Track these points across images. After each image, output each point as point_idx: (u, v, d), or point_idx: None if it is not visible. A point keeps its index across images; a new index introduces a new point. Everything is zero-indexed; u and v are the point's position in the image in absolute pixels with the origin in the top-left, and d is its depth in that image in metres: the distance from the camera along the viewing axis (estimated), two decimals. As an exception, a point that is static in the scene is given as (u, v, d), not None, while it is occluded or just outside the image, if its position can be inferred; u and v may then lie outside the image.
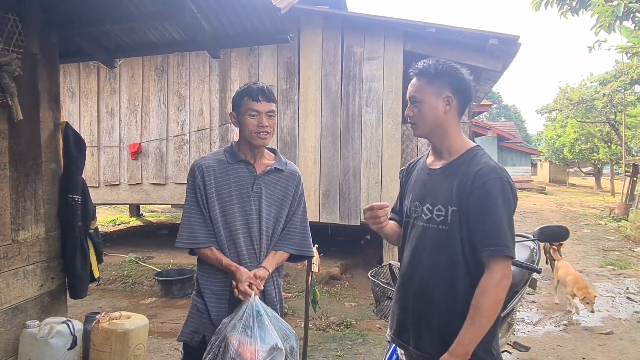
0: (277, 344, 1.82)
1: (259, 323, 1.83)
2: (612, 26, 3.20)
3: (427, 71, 1.64)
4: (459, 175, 1.59)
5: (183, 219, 2.02)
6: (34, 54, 3.13)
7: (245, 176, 2.03)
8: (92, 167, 6.76)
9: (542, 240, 2.74)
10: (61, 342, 2.95)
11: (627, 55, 5.64)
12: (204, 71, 6.37)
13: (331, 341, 4.10)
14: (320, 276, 5.83)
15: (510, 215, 1.53)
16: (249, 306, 1.87)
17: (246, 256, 2.01)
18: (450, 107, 1.64)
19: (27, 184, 3.12)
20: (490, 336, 1.58)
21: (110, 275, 6.00)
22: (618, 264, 7.47)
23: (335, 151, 6.05)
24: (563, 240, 2.68)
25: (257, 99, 1.97)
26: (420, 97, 1.64)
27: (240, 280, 1.92)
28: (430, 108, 1.63)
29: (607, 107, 16.87)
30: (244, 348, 1.78)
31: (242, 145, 2.06)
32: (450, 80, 1.63)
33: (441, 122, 1.65)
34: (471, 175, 1.56)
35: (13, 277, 3.00)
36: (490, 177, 1.53)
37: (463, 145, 1.68)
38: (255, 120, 1.97)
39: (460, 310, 1.56)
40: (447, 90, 1.63)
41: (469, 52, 5.51)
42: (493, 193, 1.51)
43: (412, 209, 1.73)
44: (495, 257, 1.49)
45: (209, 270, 2.03)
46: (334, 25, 5.99)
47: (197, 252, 2.05)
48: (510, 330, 3.31)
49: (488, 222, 1.50)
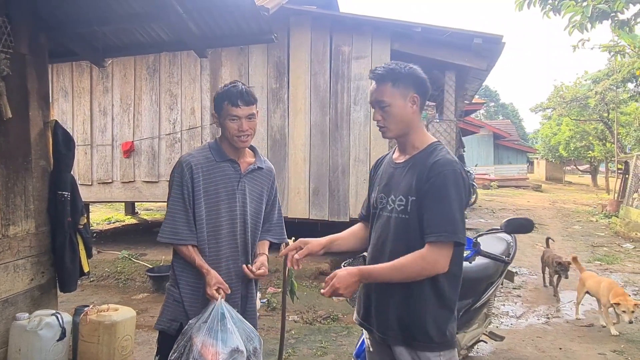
0: (239, 346, 1.94)
1: (222, 326, 1.94)
2: (584, 26, 3.30)
3: (390, 75, 1.71)
4: (419, 167, 1.69)
5: (167, 214, 2.08)
6: (23, 54, 3.21)
7: (231, 174, 2.12)
8: (86, 165, 6.85)
9: (508, 232, 2.85)
10: (50, 333, 3.04)
11: (610, 53, 5.73)
12: (195, 70, 6.46)
13: (316, 333, 4.20)
14: (310, 272, 5.93)
15: (461, 205, 1.62)
16: (214, 309, 1.97)
17: (227, 251, 2.12)
18: (416, 106, 1.73)
19: (17, 181, 3.20)
20: (444, 319, 1.67)
21: (103, 272, 6.09)
22: (605, 260, 7.58)
23: (325, 149, 6.15)
24: (527, 232, 2.78)
25: (236, 104, 2.03)
26: (388, 101, 1.71)
27: (209, 284, 2.01)
28: (398, 110, 1.71)
29: (600, 105, 16.99)
30: (206, 350, 1.89)
31: (226, 143, 2.14)
32: (413, 80, 1.72)
33: (409, 121, 1.74)
34: (428, 166, 1.66)
35: (3, 271, 3.09)
36: (446, 169, 1.63)
37: (425, 140, 1.77)
38: (235, 125, 2.05)
39: (416, 294, 1.65)
40: (411, 90, 1.71)
41: (454, 52, 5.61)
42: (446, 183, 1.61)
43: (378, 201, 1.83)
44: (441, 243, 1.59)
45: (184, 262, 2.12)
46: (322, 25, 6.09)
47: (175, 248, 2.12)
48: (487, 320, 3.43)
49: (439, 210, 1.60)
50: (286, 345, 3.87)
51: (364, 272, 1.66)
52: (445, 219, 1.59)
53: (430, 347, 1.65)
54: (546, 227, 10.68)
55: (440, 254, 1.59)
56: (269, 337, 4.09)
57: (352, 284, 1.64)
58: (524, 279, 6.45)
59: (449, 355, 1.67)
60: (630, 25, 4.34)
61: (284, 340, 2.53)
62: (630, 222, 9.91)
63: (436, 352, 1.65)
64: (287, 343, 3.95)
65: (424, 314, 1.65)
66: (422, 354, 1.65)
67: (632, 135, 17.78)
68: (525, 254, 7.95)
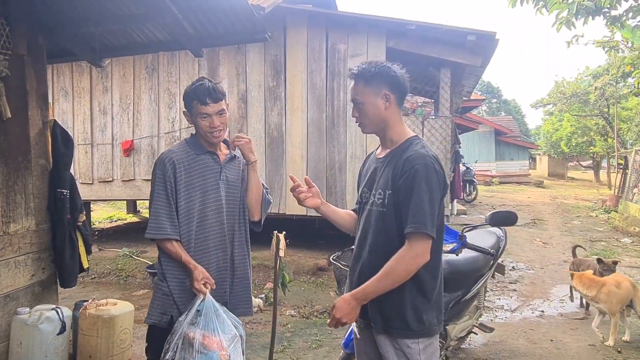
0: (236, 332, 2.07)
1: (217, 317, 2.04)
2: (571, 22, 3.35)
3: (363, 74, 1.78)
4: (394, 162, 1.76)
5: (151, 210, 2.14)
6: (22, 55, 3.29)
7: (212, 165, 2.20)
8: (86, 164, 6.94)
9: (493, 224, 2.91)
10: (50, 327, 3.13)
11: (605, 49, 5.77)
12: (192, 69, 6.53)
13: (312, 327, 4.27)
14: (308, 267, 6.01)
15: (432, 198, 1.67)
16: (205, 304, 2.05)
17: (215, 240, 2.19)
18: (390, 103, 1.79)
19: (17, 179, 3.28)
20: (423, 307, 1.73)
21: (104, 269, 6.19)
22: (603, 254, 7.59)
23: (322, 146, 6.21)
24: (511, 224, 2.84)
25: (205, 102, 2.10)
26: (362, 99, 1.79)
27: (196, 279, 2.07)
28: (372, 107, 1.78)
29: (600, 101, 16.96)
30: (209, 340, 1.99)
31: (201, 139, 2.22)
32: (385, 79, 1.78)
33: (384, 117, 1.81)
34: (402, 161, 1.72)
35: (5, 267, 3.18)
36: (417, 163, 1.69)
37: (403, 135, 1.84)
38: (207, 122, 2.12)
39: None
40: (384, 88, 1.77)
41: (449, 49, 5.66)
42: (417, 177, 1.67)
43: (363, 196, 1.91)
44: (415, 234, 1.65)
45: (170, 256, 2.16)
46: (318, 24, 6.14)
47: (159, 244, 2.15)
48: (478, 312, 3.49)
49: (412, 203, 1.66)
50: (282, 339, 3.95)
51: (358, 294, 1.71)
52: (415, 212, 1.65)
53: (408, 334, 1.71)
54: (545, 223, 10.72)
55: (417, 246, 1.65)
56: (265, 330, 4.17)
57: (350, 310, 1.70)
58: (520, 274, 6.50)
59: (427, 342, 1.74)
60: (622, 21, 4.39)
61: (275, 329, 2.62)
62: (629, 217, 9.93)
63: (414, 339, 1.71)
64: (283, 337, 4.03)
65: (402, 303, 1.71)
66: (401, 341, 1.72)
67: (634, 130, 17.75)
68: (523, 249, 8.01)
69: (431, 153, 1.75)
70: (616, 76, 13.55)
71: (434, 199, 1.67)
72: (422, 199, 1.65)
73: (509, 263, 6.83)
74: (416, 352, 1.72)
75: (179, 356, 1.99)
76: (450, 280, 2.77)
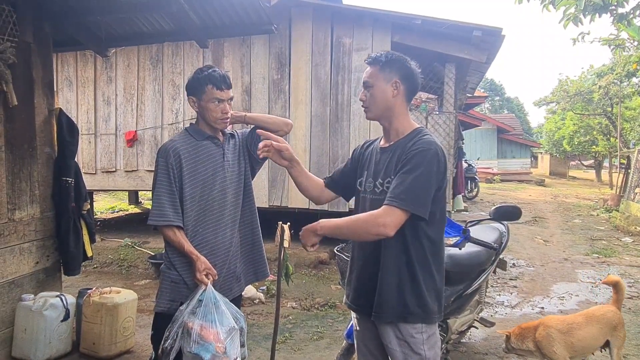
0: (234, 325, 2.08)
1: (216, 309, 2.06)
2: (579, 19, 3.34)
3: (379, 59, 1.81)
4: (400, 149, 1.77)
5: (154, 198, 2.14)
6: (28, 42, 3.30)
7: (214, 149, 2.23)
8: (89, 154, 6.95)
9: (496, 218, 2.91)
10: (54, 314, 3.16)
11: (610, 47, 5.75)
12: (197, 61, 6.52)
13: (314, 319, 4.30)
14: (309, 261, 6.03)
15: (428, 181, 1.68)
16: (206, 294, 2.07)
17: (223, 221, 2.22)
18: (398, 92, 1.81)
19: (22, 167, 3.30)
20: (423, 294, 1.74)
21: (106, 259, 6.22)
22: (603, 253, 7.63)
23: (325, 140, 6.21)
24: (515, 219, 2.84)
25: (220, 87, 2.12)
26: (372, 82, 1.82)
27: (198, 270, 2.08)
28: (380, 91, 1.81)
29: (604, 100, 16.90)
30: (207, 331, 2.00)
31: (203, 125, 2.23)
32: (398, 67, 1.80)
33: (390, 105, 1.82)
34: (409, 146, 1.74)
35: (9, 254, 3.20)
36: (422, 147, 1.71)
37: (410, 126, 1.85)
38: (219, 108, 2.15)
39: (395, 271, 1.73)
40: (395, 76, 1.80)
41: (454, 44, 5.65)
42: (417, 157, 1.69)
43: (366, 185, 1.91)
44: (392, 206, 1.65)
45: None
46: (324, 17, 6.12)
47: (162, 232, 2.15)
48: (479, 307, 3.50)
49: (403, 179, 1.67)
50: (283, 330, 3.97)
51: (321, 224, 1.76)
52: (406, 188, 1.65)
53: (407, 318, 1.73)
54: (546, 221, 10.73)
55: (388, 217, 1.64)
56: (267, 322, 4.19)
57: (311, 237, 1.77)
58: (521, 271, 6.52)
59: (430, 332, 1.76)
60: (629, 19, 4.37)
61: (278, 320, 2.63)
62: (630, 216, 9.93)
63: (415, 324, 1.73)
64: (285, 328, 4.05)
65: (402, 289, 1.73)
66: (405, 331, 1.73)
67: (637, 130, 17.72)
68: (524, 246, 8.02)
69: (438, 143, 1.76)
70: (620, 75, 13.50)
71: (429, 182, 1.68)
72: (418, 179, 1.66)
73: (510, 260, 6.84)
74: (420, 341, 1.73)
75: (177, 345, 2.01)
76: (452, 274, 2.78)
